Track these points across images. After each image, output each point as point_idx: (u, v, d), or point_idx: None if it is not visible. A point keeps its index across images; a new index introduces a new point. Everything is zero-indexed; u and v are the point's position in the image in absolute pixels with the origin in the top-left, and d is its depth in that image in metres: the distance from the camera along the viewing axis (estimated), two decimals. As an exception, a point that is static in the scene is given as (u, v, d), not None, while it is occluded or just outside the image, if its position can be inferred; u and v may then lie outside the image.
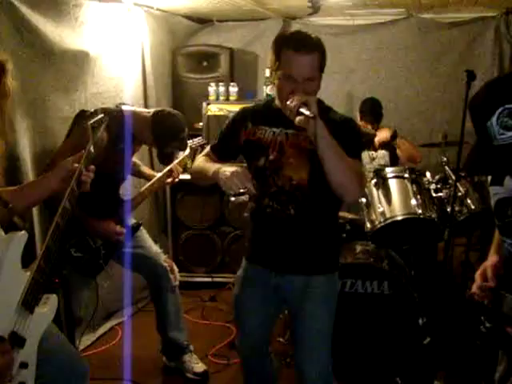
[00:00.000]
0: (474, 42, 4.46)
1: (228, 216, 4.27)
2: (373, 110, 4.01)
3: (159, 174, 3.18)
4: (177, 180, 3.23)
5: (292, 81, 1.93)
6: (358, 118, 4.01)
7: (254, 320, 2.28)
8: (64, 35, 3.06)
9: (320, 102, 2.12)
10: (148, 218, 4.16)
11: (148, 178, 3.25)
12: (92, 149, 1.92)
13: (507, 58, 4.29)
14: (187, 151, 3.25)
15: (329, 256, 2.20)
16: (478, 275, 1.77)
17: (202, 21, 4.75)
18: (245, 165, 2.19)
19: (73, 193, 1.81)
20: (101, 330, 3.63)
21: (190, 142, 3.25)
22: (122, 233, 2.85)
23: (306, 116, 1.80)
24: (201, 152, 3.26)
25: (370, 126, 3.94)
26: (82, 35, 3.24)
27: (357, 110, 4.11)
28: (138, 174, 3.29)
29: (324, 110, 2.06)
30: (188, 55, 4.51)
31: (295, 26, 4.65)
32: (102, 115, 2.08)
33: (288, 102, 1.89)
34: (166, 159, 2.94)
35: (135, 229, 3.03)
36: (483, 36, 4.44)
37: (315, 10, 3.60)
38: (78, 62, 3.21)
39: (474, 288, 1.77)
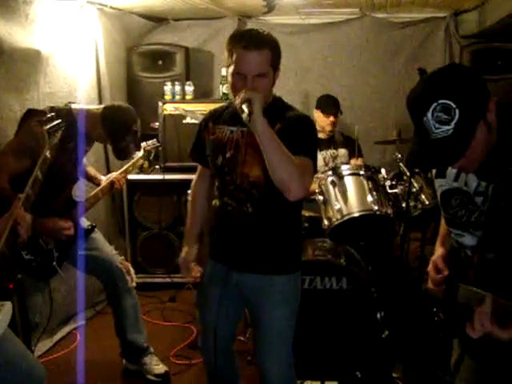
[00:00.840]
0: (426, 41, 4.56)
1: (185, 216, 4.23)
2: (332, 102, 4.05)
3: (102, 184, 3.13)
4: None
5: (242, 78, 1.94)
6: (317, 115, 4.05)
7: (215, 318, 2.25)
8: (13, 33, 2.98)
9: (277, 100, 2.15)
10: (105, 219, 4.11)
11: (92, 179, 3.20)
12: (48, 154, 1.88)
13: (457, 56, 4.40)
14: (141, 153, 3.21)
15: (289, 255, 2.20)
16: (430, 269, 1.81)
17: (157, 19, 4.69)
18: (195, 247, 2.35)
19: (27, 198, 1.77)
20: (58, 335, 3.56)
21: (143, 144, 3.21)
22: (70, 227, 2.76)
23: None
24: (156, 154, 3.26)
25: (332, 118, 3.98)
26: (33, 33, 3.16)
27: (313, 108, 4.15)
28: (85, 174, 3.21)
29: (281, 108, 2.10)
30: (143, 54, 4.47)
31: (250, 25, 4.66)
32: (60, 120, 2.05)
33: (235, 99, 1.91)
34: (122, 154, 2.86)
35: (89, 231, 2.98)
36: (434, 35, 4.54)
37: (270, 8, 3.61)
38: (30, 60, 3.13)
39: (429, 283, 1.81)
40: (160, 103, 4.21)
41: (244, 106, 1.82)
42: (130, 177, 4.20)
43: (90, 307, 3.90)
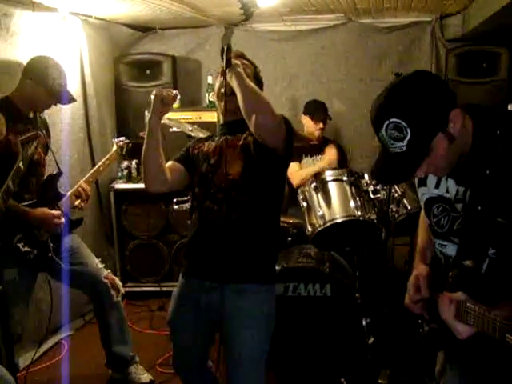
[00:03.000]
0: (412, 45, 4.56)
1: (174, 224, 4.26)
2: (320, 107, 4.06)
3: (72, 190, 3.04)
4: (83, 204, 3.02)
5: None
6: (305, 121, 4.05)
7: (188, 340, 2.27)
8: (-6, 46, 3.00)
9: None
10: (93, 229, 4.11)
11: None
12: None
13: (443, 60, 4.40)
14: (114, 148, 3.22)
15: (264, 263, 2.17)
16: (410, 286, 1.78)
17: (144, 29, 4.71)
18: None
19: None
20: (46, 346, 3.55)
21: (115, 140, 3.24)
22: (59, 215, 2.76)
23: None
24: (127, 150, 3.27)
25: (321, 125, 3.98)
26: (15, 46, 3.18)
27: (301, 114, 4.16)
28: None
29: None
30: (130, 64, 4.50)
31: (237, 33, 4.65)
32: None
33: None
34: (61, 96, 2.78)
35: (76, 223, 2.99)
36: (420, 39, 4.54)
37: (248, 16, 3.58)
38: (11, 72, 3.13)
39: (407, 300, 1.79)
40: (146, 112, 4.21)
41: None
42: (118, 186, 4.24)
43: (78, 317, 3.91)
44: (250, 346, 2.09)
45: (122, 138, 3.26)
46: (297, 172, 3.88)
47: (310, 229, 3.16)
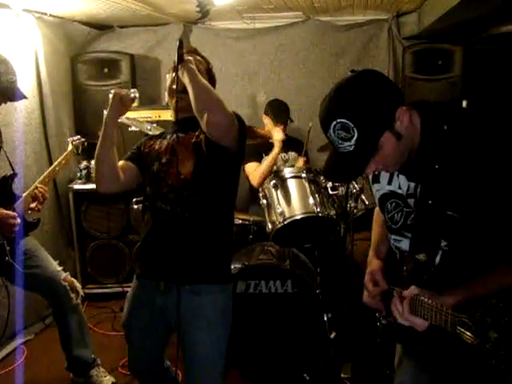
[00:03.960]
0: (370, 43, 4.61)
1: (134, 224, 4.20)
2: (283, 109, 4.03)
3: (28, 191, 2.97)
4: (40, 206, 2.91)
5: None
6: (266, 121, 4.01)
7: (143, 342, 2.25)
8: None
9: None
10: (52, 231, 4.04)
11: None
12: None
13: (400, 57, 4.47)
14: (69, 147, 3.16)
15: (218, 263, 2.16)
16: (367, 281, 1.81)
17: (102, 27, 4.64)
18: None
19: None
20: (4, 351, 3.48)
21: (70, 139, 3.17)
22: (15, 216, 2.68)
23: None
24: (83, 149, 3.22)
25: (282, 127, 3.90)
26: (-35, 43, 3.09)
27: (261, 112, 4.15)
28: None
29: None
30: (88, 62, 4.42)
31: (196, 31, 4.65)
32: None
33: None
34: (10, 93, 2.68)
35: (32, 225, 2.93)
36: (378, 37, 4.60)
37: (204, 14, 3.60)
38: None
39: (365, 297, 1.82)
40: (105, 111, 4.15)
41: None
42: (77, 187, 4.18)
43: (38, 321, 3.83)
44: (207, 346, 2.08)
45: (78, 137, 3.21)
46: (254, 172, 3.85)
47: (270, 226, 3.16)
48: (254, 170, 3.84)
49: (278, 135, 3.76)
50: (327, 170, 1.59)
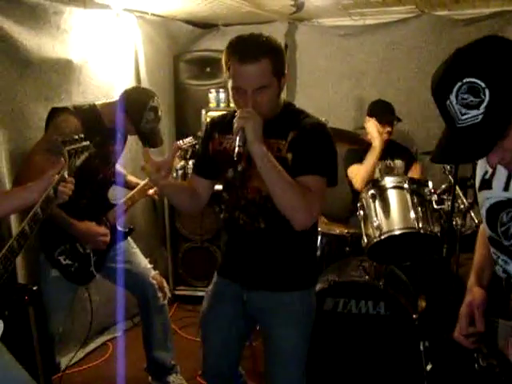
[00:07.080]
0: (494, 39, 4.14)
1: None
2: (388, 109, 3.74)
3: (142, 183, 3.03)
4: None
5: (242, 92, 1.81)
6: (369, 124, 3.69)
7: (223, 339, 2.13)
8: (42, 44, 2.96)
9: (288, 106, 2.01)
10: (145, 230, 4.06)
11: (134, 187, 3.10)
12: (66, 174, 1.92)
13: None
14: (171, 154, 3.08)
15: (302, 272, 2.04)
16: (462, 315, 1.57)
17: (206, 25, 4.59)
18: None
19: (47, 200, 1.82)
20: (91, 346, 3.53)
21: (179, 143, 3.07)
22: (106, 233, 2.72)
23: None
24: (192, 153, 3.13)
25: (388, 128, 3.65)
26: (65, 43, 3.13)
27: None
28: (125, 184, 3.14)
29: (294, 115, 1.96)
30: (190, 61, 4.40)
31: (302, 29, 4.45)
32: (87, 143, 2.06)
33: (234, 121, 1.78)
34: (147, 139, 2.69)
35: (127, 233, 2.94)
36: (504, 32, 4.08)
37: (299, 8, 3.41)
38: (60, 70, 3.10)
39: (457, 332, 1.57)
40: (203, 111, 4.13)
41: (237, 139, 1.73)
42: (171, 187, 4.15)
43: (128, 319, 3.84)
44: (293, 340, 2.01)
45: (187, 140, 3.05)
46: (356, 175, 3.58)
47: (365, 240, 2.91)
48: (355, 175, 3.60)
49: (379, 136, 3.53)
50: (441, 152, 1.26)
